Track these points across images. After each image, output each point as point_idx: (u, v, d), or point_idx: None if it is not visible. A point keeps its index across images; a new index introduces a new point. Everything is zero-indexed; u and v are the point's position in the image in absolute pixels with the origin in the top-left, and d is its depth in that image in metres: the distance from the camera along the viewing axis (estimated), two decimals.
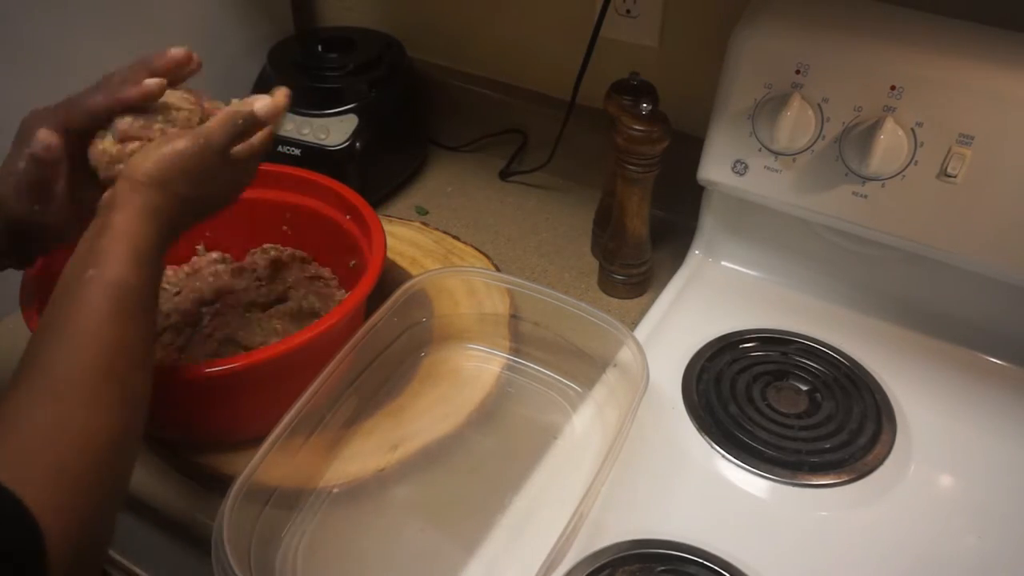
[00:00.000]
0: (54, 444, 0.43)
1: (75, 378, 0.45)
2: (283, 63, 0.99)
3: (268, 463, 0.58)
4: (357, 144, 0.94)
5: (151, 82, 0.55)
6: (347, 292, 0.77)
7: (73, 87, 0.86)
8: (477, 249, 0.90)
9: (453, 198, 1.03)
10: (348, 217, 0.77)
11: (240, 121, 0.55)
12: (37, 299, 0.62)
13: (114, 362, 0.46)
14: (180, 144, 0.53)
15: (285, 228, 0.82)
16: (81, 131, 0.55)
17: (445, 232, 0.93)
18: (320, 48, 1.01)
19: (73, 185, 0.56)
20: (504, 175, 1.06)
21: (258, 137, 0.57)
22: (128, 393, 0.47)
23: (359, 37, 1.03)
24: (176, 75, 0.57)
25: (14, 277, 0.62)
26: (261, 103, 0.57)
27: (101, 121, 0.55)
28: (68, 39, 0.83)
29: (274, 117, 0.58)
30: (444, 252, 0.89)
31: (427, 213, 0.99)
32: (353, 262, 0.78)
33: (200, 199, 0.55)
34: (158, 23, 0.94)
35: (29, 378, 0.45)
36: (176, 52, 0.57)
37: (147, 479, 0.68)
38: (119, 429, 0.46)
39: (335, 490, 0.66)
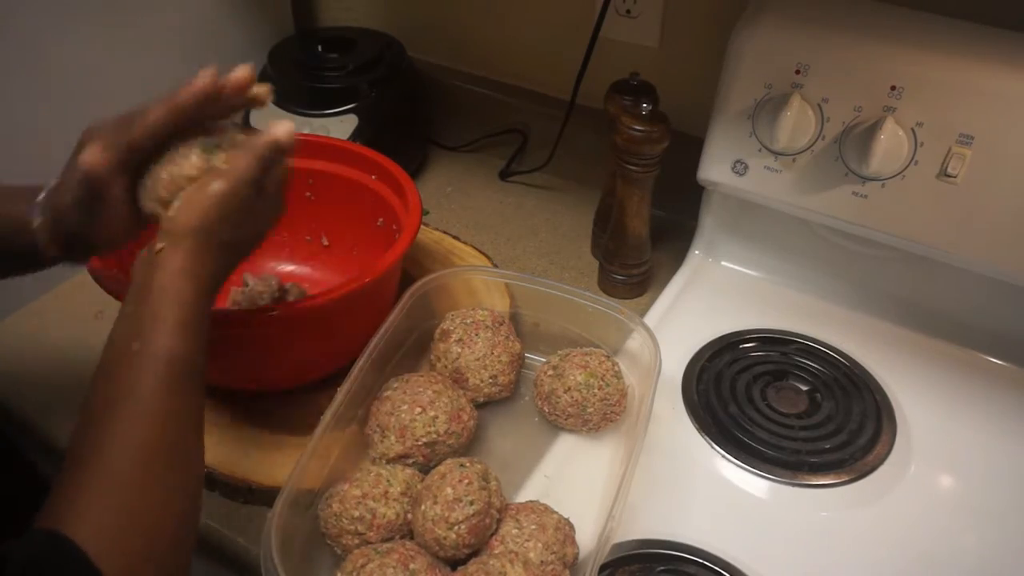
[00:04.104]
0: (129, 536, 0.42)
1: (134, 461, 0.44)
2: (283, 63, 0.99)
3: (304, 470, 0.59)
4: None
5: (204, 75, 0.51)
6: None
7: (72, 86, 0.86)
8: (477, 249, 0.90)
9: (453, 198, 1.03)
10: (373, 177, 0.79)
11: (268, 153, 0.53)
12: (104, 271, 0.64)
13: (170, 438, 0.45)
14: (217, 188, 0.50)
15: (308, 195, 0.83)
16: (141, 147, 0.52)
17: (445, 232, 0.93)
18: (320, 48, 1.01)
19: (134, 195, 0.54)
20: (504, 175, 1.06)
21: (282, 167, 0.55)
22: (188, 465, 0.47)
23: (359, 37, 1.03)
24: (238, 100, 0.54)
25: (14, 279, 0.62)
26: (283, 130, 0.54)
27: (159, 138, 0.53)
28: (67, 39, 0.83)
29: (292, 139, 0.55)
30: (444, 252, 0.89)
31: (427, 213, 0.99)
32: (381, 220, 0.79)
33: (240, 242, 0.53)
34: (158, 23, 0.94)
35: (88, 463, 0.44)
36: (241, 73, 0.53)
37: None
38: (184, 503, 0.46)
39: None
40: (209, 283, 0.50)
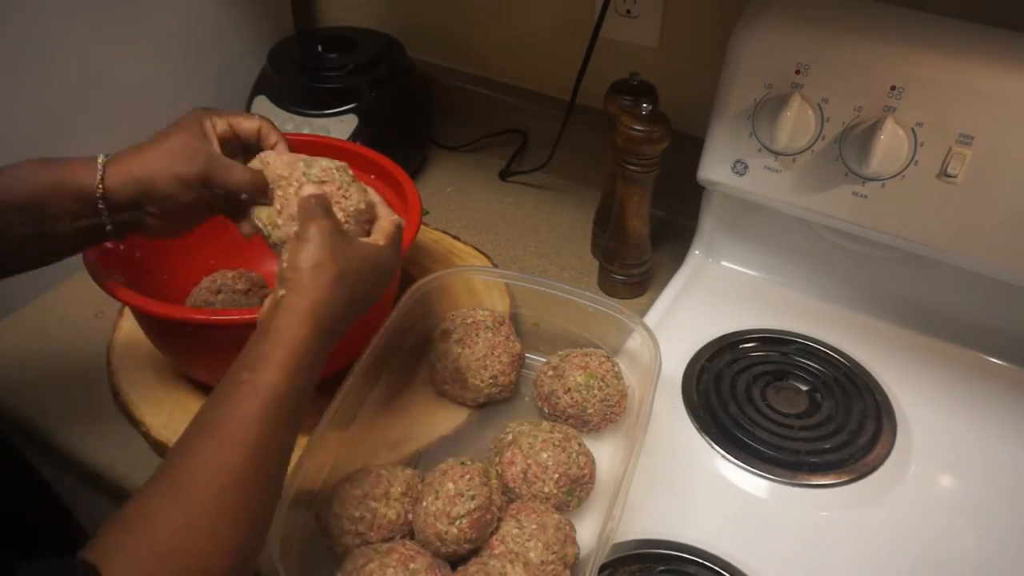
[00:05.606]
0: (180, 554, 0.42)
1: (212, 481, 0.45)
2: (283, 63, 0.99)
3: (304, 470, 0.59)
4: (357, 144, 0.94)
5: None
6: None
7: (74, 85, 0.86)
8: (477, 249, 0.90)
9: (453, 198, 1.03)
10: (373, 177, 0.79)
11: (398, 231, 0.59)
12: (103, 271, 0.65)
13: (253, 469, 0.46)
14: (359, 250, 0.55)
15: None
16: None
17: (445, 232, 0.93)
18: (320, 48, 1.01)
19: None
20: (504, 175, 1.06)
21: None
22: (256, 506, 0.47)
23: (359, 37, 1.03)
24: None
25: (14, 279, 0.62)
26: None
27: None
28: (68, 38, 0.84)
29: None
30: (444, 252, 0.89)
31: (427, 213, 0.99)
32: None
33: (359, 300, 0.56)
34: (159, 23, 0.94)
35: (171, 473, 0.45)
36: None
37: (139, 476, 0.68)
38: (241, 542, 0.45)
39: None
40: (325, 331, 0.52)
